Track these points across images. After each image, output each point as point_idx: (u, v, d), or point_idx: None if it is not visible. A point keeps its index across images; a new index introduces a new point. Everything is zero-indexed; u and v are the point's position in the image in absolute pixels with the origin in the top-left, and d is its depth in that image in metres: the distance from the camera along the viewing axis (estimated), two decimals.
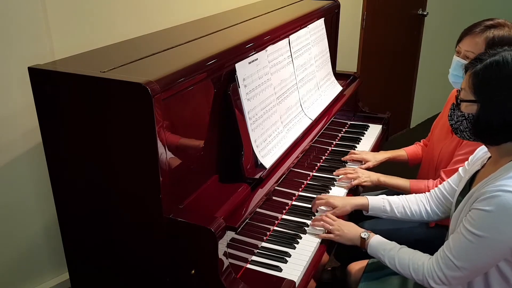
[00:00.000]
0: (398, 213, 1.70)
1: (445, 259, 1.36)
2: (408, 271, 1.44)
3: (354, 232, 1.62)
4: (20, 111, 1.79)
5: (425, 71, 4.06)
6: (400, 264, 1.47)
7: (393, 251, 1.50)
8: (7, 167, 1.83)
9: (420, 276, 1.41)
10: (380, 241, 1.56)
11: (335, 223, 1.67)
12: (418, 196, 1.72)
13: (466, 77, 1.34)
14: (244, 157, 1.55)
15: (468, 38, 1.76)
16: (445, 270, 1.36)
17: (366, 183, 1.98)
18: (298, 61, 1.99)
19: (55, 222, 1.62)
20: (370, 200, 1.73)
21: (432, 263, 1.40)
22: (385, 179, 1.98)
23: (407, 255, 1.47)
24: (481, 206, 1.28)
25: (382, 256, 1.52)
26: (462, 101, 1.34)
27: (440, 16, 3.91)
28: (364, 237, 1.58)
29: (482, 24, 1.75)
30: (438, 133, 2.02)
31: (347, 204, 1.75)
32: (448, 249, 1.36)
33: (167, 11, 2.18)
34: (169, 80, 1.28)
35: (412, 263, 1.44)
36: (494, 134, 1.30)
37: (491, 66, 1.28)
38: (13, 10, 1.68)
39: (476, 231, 1.28)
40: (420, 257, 1.44)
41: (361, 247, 1.59)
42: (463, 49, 1.77)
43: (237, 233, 1.45)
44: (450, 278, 1.36)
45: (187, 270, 1.36)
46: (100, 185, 1.40)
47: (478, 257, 1.30)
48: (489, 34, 1.70)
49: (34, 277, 2.03)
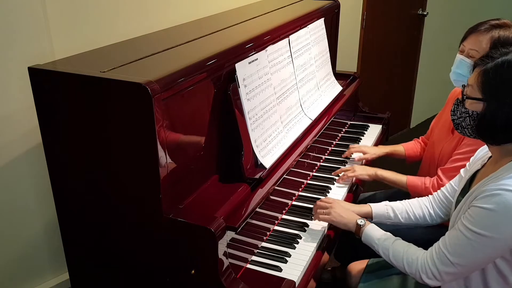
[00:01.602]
0: (402, 218, 1.68)
1: (440, 255, 1.36)
2: (402, 264, 1.44)
3: (351, 218, 1.61)
4: (20, 111, 1.79)
5: (425, 71, 4.06)
6: (394, 256, 1.46)
7: (387, 242, 1.49)
8: (7, 167, 1.83)
9: (413, 270, 1.41)
10: (376, 230, 1.55)
11: (333, 203, 1.66)
12: (421, 200, 1.71)
13: (475, 74, 1.31)
14: (244, 157, 1.55)
15: (473, 36, 1.75)
16: (439, 265, 1.36)
17: (363, 176, 1.98)
18: (298, 61, 1.99)
19: (55, 222, 1.62)
20: (374, 207, 1.70)
21: (427, 257, 1.39)
22: (382, 173, 1.98)
23: (401, 248, 1.46)
24: (480, 204, 1.27)
25: (376, 245, 1.51)
26: (468, 98, 1.32)
27: (440, 16, 3.91)
28: (360, 223, 1.57)
29: (488, 23, 1.74)
30: (438, 133, 2.02)
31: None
32: (443, 245, 1.36)
33: (167, 11, 2.18)
34: (169, 80, 1.28)
35: (406, 256, 1.44)
36: (497, 134, 1.29)
37: (502, 66, 1.25)
38: (13, 10, 1.68)
39: (474, 228, 1.28)
40: (414, 251, 1.44)
41: (356, 233, 1.58)
42: (467, 47, 1.77)
43: (237, 233, 1.45)
44: (443, 273, 1.36)
45: (187, 270, 1.36)
46: (100, 185, 1.40)
47: (474, 254, 1.30)
48: (495, 34, 1.70)
49: (34, 277, 2.03)
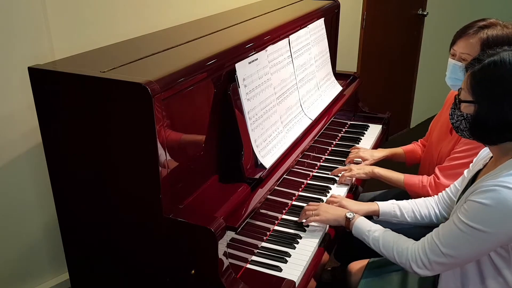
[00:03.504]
0: (408, 217, 1.70)
1: (431, 245, 1.37)
2: (392, 254, 1.46)
3: (340, 213, 1.64)
4: (20, 111, 1.79)
5: (425, 71, 4.06)
6: (384, 246, 1.48)
7: (377, 233, 1.51)
8: (7, 167, 1.83)
9: (403, 260, 1.42)
10: (365, 222, 1.57)
11: (319, 206, 1.69)
12: (427, 200, 1.73)
13: (466, 78, 1.34)
14: (244, 157, 1.55)
15: (463, 40, 1.77)
16: (430, 255, 1.37)
17: (360, 175, 1.99)
18: (298, 61, 1.99)
19: (55, 222, 1.62)
20: (381, 205, 1.73)
21: (418, 247, 1.41)
22: (380, 171, 1.99)
23: (391, 238, 1.48)
24: (476, 199, 1.28)
25: (367, 237, 1.53)
26: (461, 102, 1.34)
27: (440, 16, 3.91)
28: (349, 217, 1.59)
29: (475, 25, 1.76)
30: (437, 133, 2.02)
31: (359, 210, 1.73)
32: (436, 236, 1.37)
33: (167, 11, 2.18)
34: (169, 80, 1.28)
35: (396, 246, 1.45)
36: (490, 134, 1.31)
37: (488, 67, 1.28)
38: (13, 10, 1.68)
39: (469, 222, 1.29)
40: (405, 241, 1.46)
41: (346, 227, 1.60)
42: (458, 52, 1.78)
43: (237, 233, 1.45)
44: (434, 263, 1.37)
45: (187, 270, 1.36)
46: (100, 185, 1.40)
47: (465, 247, 1.31)
48: (483, 35, 1.71)
49: (34, 277, 2.03)
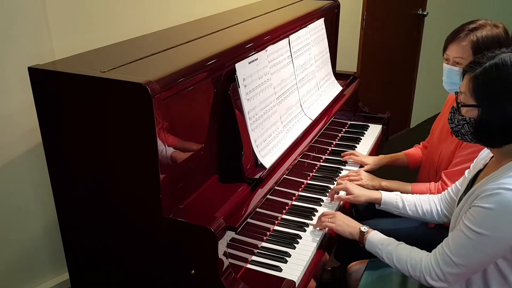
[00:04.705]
0: (410, 211, 1.71)
1: (443, 256, 1.36)
2: (406, 267, 1.45)
3: (354, 226, 1.63)
4: (20, 111, 1.79)
5: (425, 71, 4.06)
6: (397, 260, 1.47)
7: (390, 247, 1.50)
8: (7, 167, 1.82)
9: (418, 273, 1.42)
10: (379, 237, 1.56)
11: (335, 214, 1.69)
12: (431, 196, 1.73)
13: (465, 81, 1.33)
14: (244, 157, 1.55)
15: (454, 45, 1.78)
16: (442, 266, 1.36)
17: (367, 186, 1.97)
18: (298, 61, 1.99)
19: (55, 222, 1.62)
20: (384, 194, 1.76)
21: (430, 259, 1.40)
22: (387, 184, 1.98)
23: (404, 251, 1.47)
24: (481, 204, 1.28)
25: (380, 251, 1.52)
26: (463, 106, 1.33)
27: (440, 16, 3.90)
28: (364, 230, 1.59)
29: (464, 28, 1.77)
30: (438, 135, 2.02)
31: (363, 195, 1.79)
32: (446, 246, 1.37)
33: (167, 11, 2.18)
34: (169, 80, 1.28)
35: (409, 259, 1.44)
36: (495, 137, 1.30)
37: (491, 70, 1.27)
38: (13, 10, 1.68)
39: (475, 228, 1.28)
40: (418, 253, 1.45)
41: (359, 241, 1.60)
42: (452, 56, 1.79)
43: (237, 233, 1.45)
44: (448, 274, 1.36)
45: (187, 270, 1.36)
46: (100, 185, 1.40)
47: (476, 254, 1.31)
48: (473, 37, 1.73)
49: (34, 277, 2.03)
